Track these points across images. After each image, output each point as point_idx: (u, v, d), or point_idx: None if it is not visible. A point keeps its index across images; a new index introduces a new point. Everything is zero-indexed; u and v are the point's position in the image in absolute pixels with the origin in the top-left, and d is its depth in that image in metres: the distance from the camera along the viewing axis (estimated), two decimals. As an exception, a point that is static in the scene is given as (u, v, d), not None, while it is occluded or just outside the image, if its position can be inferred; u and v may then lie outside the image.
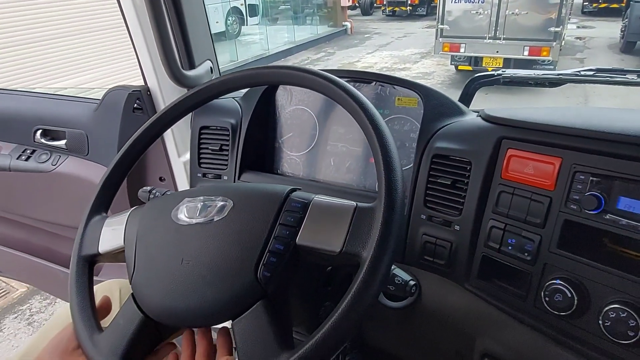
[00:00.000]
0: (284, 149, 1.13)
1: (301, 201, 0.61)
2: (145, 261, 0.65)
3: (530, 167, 0.71)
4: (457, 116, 0.88)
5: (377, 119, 0.61)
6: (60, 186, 1.44)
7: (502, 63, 7.51)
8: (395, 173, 0.57)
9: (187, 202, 0.67)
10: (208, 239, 0.61)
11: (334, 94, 0.66)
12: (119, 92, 1.27)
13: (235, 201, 0.63)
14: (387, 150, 0.58)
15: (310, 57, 10.89)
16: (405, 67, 9.38)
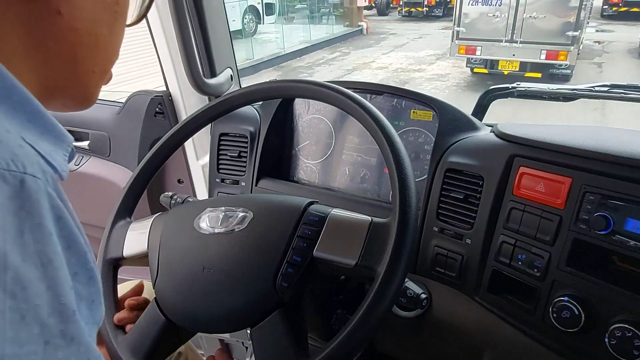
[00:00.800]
0: (300, 156, 1.16)
1: (318, 215, 0.64)
2: (168, 267, 0.68)
3: (542, 185, 0.73)
4: (471, 131, 0.90)
5: (393, 135, 0.63)
6: (82, 185, 1.48)
7: (519, 66, 7.46)
8: (410, 190, 0.59)
9: (209, 212, 0.70)
10: (228, 248, 0.64)
11: (351, 109, 0.69)
12: (142, 96, 1.32)
13: (255, 212, 0.66)
14: (402, 168, 0.61)
15: (326, 57, 10.91)
16: (420, 68, 9.35)
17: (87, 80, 0.45)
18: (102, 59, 0.45)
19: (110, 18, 0.44)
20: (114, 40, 0.46)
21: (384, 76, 8.87)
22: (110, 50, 0.46)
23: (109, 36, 0.44)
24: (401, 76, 8.84)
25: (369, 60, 10.30)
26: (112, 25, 0.44)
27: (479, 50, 7.63)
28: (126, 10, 0.47)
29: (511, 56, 7.44)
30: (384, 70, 9.38)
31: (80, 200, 1.54)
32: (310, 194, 1.06)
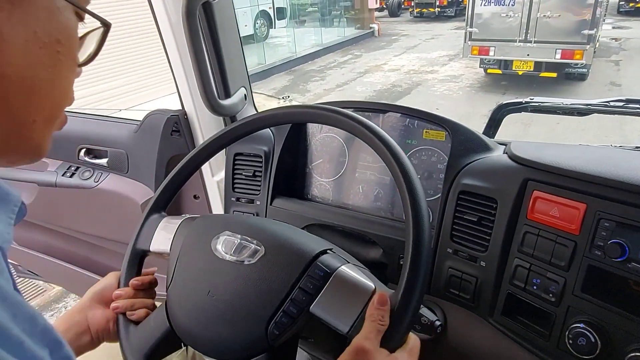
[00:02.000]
0: (314, 174, 1.17)
1: (325, 270, 0.63)
2: (180, 280, 0.72)
3: (556, 210, 0.73)
4: (484, 152, 0.90)
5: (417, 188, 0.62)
6: (102, 201, 1.52)
7: (533, 66, 7.38)
8: (421, 267, 0.57)
9: (227, 235, 0.72)
10: (235, 280, 0.66)
11: (370, 141, 0.70)
12: (158, 115, 1.34)
13: (267, 250, 0.67)
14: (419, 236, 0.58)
15: (337, 60, 10.93)
16: (433, 69, 9.32)
17: (29, 132, 0.41)
18: (45, 105, 0.41)
19: (51, 60, 0.40)
20: (60, 83, 0.42)
21: (397, 78, 8.86)
22: (55, 94, 0.42)
23: (51, 80, 0.40)
24: (414, 78, 8.81)
25: (381, 63, 10.29)
26: (55, 68, 0.40)
27: (493, 50, 7.57)
28: (72, 49, 0.43)
29: (525, 56, 7.36)
30: (396, 72, 9.36)
31: (100, 216, 1.59)
32: (324, 213, 1.08)
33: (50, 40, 0.39)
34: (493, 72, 7.90)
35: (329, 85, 8.77)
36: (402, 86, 8.32)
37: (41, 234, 1.80)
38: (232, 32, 1.23)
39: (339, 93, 8.20)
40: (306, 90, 8.56)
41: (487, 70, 7.98)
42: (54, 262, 1.75)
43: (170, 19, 1.15)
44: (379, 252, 0.99)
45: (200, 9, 1.07)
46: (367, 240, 1.01)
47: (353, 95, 7.93)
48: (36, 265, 1.85)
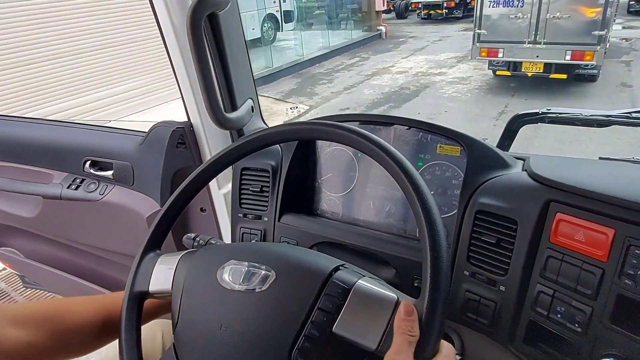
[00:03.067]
0: (323, 189, 1.13)
1: (342, 286, 0.60)
2: (188, 318, 0.67)
3: (581, 234, 0.69)
4: (502, 169, 0.86)
5: (434, 212, 0.58)
6: (107, 214, 1.50)
7: (543, 68, 7.28)
8: (441, 270, 0.54)
9: (233, 264, 0.68)
10: (248, 309, 0.62)
11: (381, 159, 0.66)
12: (164, 128, 1.31)
13: (278, 273, 0.64)
14: (436, 244, 0.55)
15: (345, 62, 10.89)
16: (441, 71, 9.25)
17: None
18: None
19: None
20: None
21: (404, 80, 8.80)
22: None
23: None
24: (421, 80, 8.75)
25: (388, 65, 10.24)
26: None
27: (501, 52, 7.48)
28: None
29: (535, 58, 7.27)
30: (404, 74, 9.30)
31: (105, 229, 1.56)
32: (334, 230, 1.04)
33: None
34: (502, 74, 7.81)
35: (336, 88, 8.73)
36: (410, 88, 8.26)
37: (46, 246, 1.78)
38: (239, 42, 1.19)
39: (346, 96, 8.15)
40: (313, 93, 8.52)
41: (495, 72, 7.89)
42: (60, 274, 1.73)
43: (176, 30, 1.12)
44: (391, 273, 0.95)
45: (205, 20, 1.04)
46: (379, 260, 0.97)
47: (360, 98, 7.88)
48: (41, 277, 1.83)
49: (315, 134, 0.76)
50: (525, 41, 7.26)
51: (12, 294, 3.44)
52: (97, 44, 6.97)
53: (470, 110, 6.85)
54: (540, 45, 7.19)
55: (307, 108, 7.63)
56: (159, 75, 7.67)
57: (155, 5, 1.09)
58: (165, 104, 7.71)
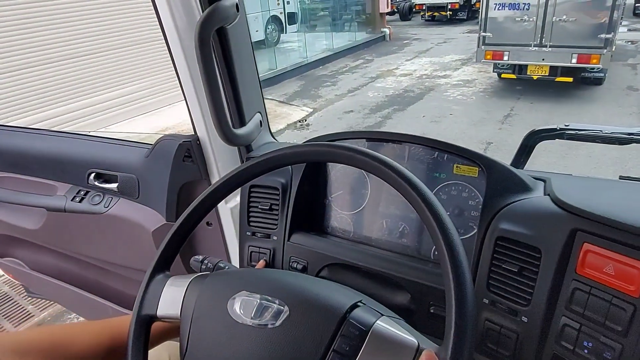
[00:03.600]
0: (333, 206, 1.10)
1: (360, 327, 0.57)
2: (197, 349, 0.64)
3: (611, 268, 0.65)
4: (523, 193, 0.83)
5: (454, 238, 0.56)
6: (112, 227, 1.47)
7: (549, 71, 7.24)
8: (467, 317, 0.51)
9: (245, 296, 0.65)
10: (260, 346, 0.59)
11: (397, 184, 0.63)
12: (170, 141, 1.29)
13: (291, 309, 0.61)
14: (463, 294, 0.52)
15: (349, 65, 10.86)
16: (445, 74, 9.21)
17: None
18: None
19: None
20: None
21: (409, 83, 8.76)
22: None
23: None
24: (426, 83, 8.71)
25: (392, 67, 10.20)
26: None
27: (507, 55, 7.44)
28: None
29: (540, 61, 7.22)
30: (408, 77, 9.27)
31: (110, 242, 1.53)
32: (346, 251, 1.01)
33: None
34: (507, 77, 7.76)
35: (340, 90, 8.70)
36: (415, 91, 8.22)
37: (51, 258, 1.76)
38: (248, 55, 1.16)
39: (350, 98, 8.12)
40: (317, 95, 8.50)
41: (501, 75, 7.84)
42: (64, 286, 1.71)
43: (183, 44, 1.09)
44: (406, 297, 0.92)
45: (214, 34, 1.01)
46: (393, 283, 0.94)
47: (364, 101, 7.85)
48: (45, 288, 1.81)
49: (329, 156, 0.73)
50: (531, 44, 7.22)
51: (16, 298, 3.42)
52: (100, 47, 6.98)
53: (476, 114, 6.80)
54: (546, 49, 7.14)
55: (311, 111, 7.60)
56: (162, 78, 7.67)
57: (162, 20, 1.06)
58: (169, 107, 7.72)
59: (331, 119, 7.14)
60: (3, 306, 3.34)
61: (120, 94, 7.34)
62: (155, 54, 7.60)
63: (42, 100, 6.41)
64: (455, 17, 15.77)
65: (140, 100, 7.63)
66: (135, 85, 7.54)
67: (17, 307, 3.32)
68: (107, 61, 7.11)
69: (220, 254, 1.42)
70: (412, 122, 6.63)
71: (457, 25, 15.42)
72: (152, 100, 7.74)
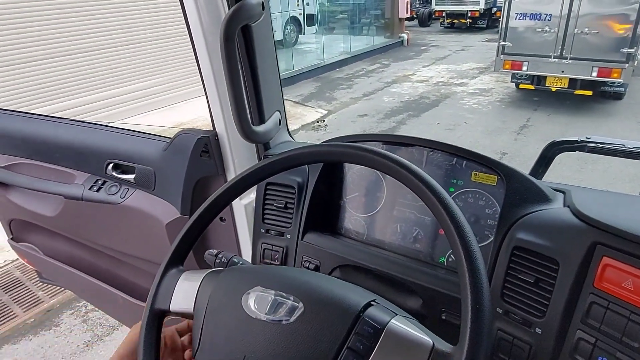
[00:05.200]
0: (348, 208, 1.10)
1: (374, 326, 0.57)
2: (210, 344, 0.64)
3: (630, 283, 0.64)
4: (542, 203, 0.82)
5: (471, 242, 0.56)
6: (127, 218, 1.49)
7: (568, 83, 7.16)
8: (484, 321, 0.51)
9: (259, 291, 0.65)
10: (273, 341, 0.60)
11: (419, 190, 0.63)
12: (188, 135, 1.30)
13: (306, 305, 0.61)
14: (477, 285, 0.52)
15: (365, 68, 10.85)
16: (462, 82, 9.16)
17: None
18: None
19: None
20: None
21: (425, 89, 8.73)
22: None
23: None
24: (442, 90, 8.68)
25: (409, 73, 10.18)
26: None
27: (526, 65, 7.38)
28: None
29: (560, 73, 7.15)
30: (424, 83, 9.24)
31: (124, 232, 1.55)
32: (358, 253, 1.01)
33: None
34: (525, 88, 7.70)
35: (355, 94, 8.70)
36: (430, 98, 8.19)
37: (65, 245, 1.78)
38: (270, 54, 1.17)
39: (365, 102, 8.12)
40: (332, 98, 8.51)
41: (519, 85, 7.78)
42: (76, 273, 1.73)
43: (207, 41, 1.10)
44: (418, 302, 0.92)
45: (238, 31, 1.02)
46: (405, 288, 0.94)
47: (379, 105, 7.84)
48: (58, 274, 1.83)
49: (347, 157, 0.73)
50: (551, 55, 7.16)
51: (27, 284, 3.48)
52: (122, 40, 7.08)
53: (491, 123, 6.76)
54: (566, 60, 7.07)
55: (326, 113, 7.61)
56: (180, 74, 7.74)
57: (187, 15, 1.07)
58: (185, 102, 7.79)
59: (345, 121, 7.14)
60: (13, 291, 3.40)
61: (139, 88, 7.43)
62: (176, 50, 7.68)
63: (65, 90, 6.52)
64: (475, 25, 15.68)
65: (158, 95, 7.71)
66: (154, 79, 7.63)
67: (28, 292, 3.37)
68: (128, 55, 7.21)
69: (232, 250, 1.43)
70: (426, 129, 6.60)
71: (477, 33, 15.34)
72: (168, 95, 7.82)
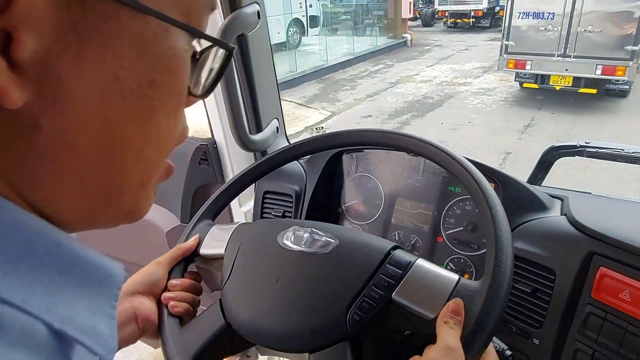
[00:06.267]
0: (347, 216, 1.10)
1: (404, 259, 0.60)
2: (242, 272, 0.66)
3: (627, 294, 0.64)
4: (539, 211, 0.81)
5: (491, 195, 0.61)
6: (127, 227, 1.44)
7: (572, 82, 7.12)
8: (505, 254, 0.55)
9: (295, 230, 0.68)
10: (308, 268, 0.62)
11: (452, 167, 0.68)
12: (187, 143, 1.30)
13: (341, 241, 0.64)
14: (499, 230, 0.57)
15: (369, 69, 10.84)
16: (466, 81, 9.13)
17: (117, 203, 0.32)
18: (136, 171, 0.32)
19: (142, 111, 0.30)
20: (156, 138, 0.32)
21: (428, 89, 8.71)
22: (150, 154, 0.32)
23: (142, 138, 0.30)
24: (446, 90, 8.65)
25: (412, 73, 10.15)
26: (148, 121, 0.30)
27: (529, 64, 7.34)
28: (175, 87, 0.32)
29: (564, 71, 7.11)
30: (428, 83, 9.21)
31: (125, 241, 1.55)
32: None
33: (141, 83, 0.28)
34: (529, 87, 7.66)
35: (359, 95, 8.69)
36: (434, 98, 8.17)
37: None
38: (267, 62, 1.17)
39: (369, 103, 8.11)
40: (336, 99, 8.50)
41: (522, 84, 7.75)
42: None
43: (204, 49, 1.10)
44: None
45: (234, 41, 1.02)
46: None
47: (383, 106, 7.83)
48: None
49: (370, 139, 0.78)
50: (555, 54, 7.12)
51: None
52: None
53: (495, 123, 6.73)
54: (569, 59, 7.03)
55: (329, 114, 7.61)
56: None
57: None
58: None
59: (349, 123, 7.13)
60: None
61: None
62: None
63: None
64: (478, 24, 15.63)
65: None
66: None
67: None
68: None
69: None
70: (430, 129, 6.58)
71: (480, 32, 15.28)
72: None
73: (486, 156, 5.49)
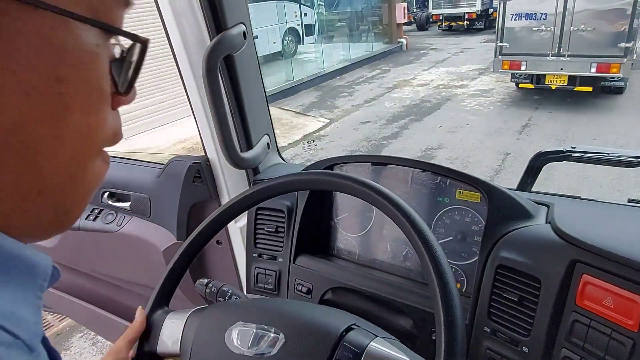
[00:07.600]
0: (339, 228, 1.11)
1: (354, 350, 0.58)
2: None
3: (610, 301, 0.65)
4: (525, 220, 0.82)
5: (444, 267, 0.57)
6: (124, 246, 1.50)
7: (567, 80, 7.14)
8: (456, 336, 0.52)
9: (241, 326, 0.67)
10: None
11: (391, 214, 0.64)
12: (181, 162, 1.32)
13: (287, 337, 0.62)
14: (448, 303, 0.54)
15: (366, 75, 10.89)
16: (462, 84, 9.16)
17: (37, 207, 0.31)
18: (54, 170, 0.30)
19: (54, 107, 0.28)
20: (72, 135, 0.30)
21: (426, 93, 8.74)
22: (68, 152, 0.31)
23: (55, 136, 0.29)
24: (443, 93, 8.68)
25: (409, 77, 10.19)
26: (63, 116, 0.29)
27: (524, 65, 7.37)
28: (87, 83, 0.31)
29: (559, 70, 7.13)
30: (425, 87, 9.24)
31: (122, 260, 1.57)
32: (350, 275, 1.02)
33: (45, 80, 0.28)
34: (525, 87, 7.68)
35: (357, 101, 8.72)
36: (432, 101, 8.19)
37: (65, 274, 1.80)
38: (255, 80, 1.19)
39: (367, 109, 8.13)
40: (334, 106, 8.53)
41: (518, 84, 7.77)
42: (76, 301, 1.75)
43: (194, 70, 1.11)
44: (408, 322, 0.92)
45: (221, 61, 1.04)
46: (396, 309, 0.94)
47: (381, 111, 7.85)
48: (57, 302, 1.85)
49: (325, 185, 0.75)
50: (549, 54, 7.15)
51: (36, 309, 3.50)
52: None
53: (493, 124, 6.74)
54: (564, 58, 7.06)
55: (328, 121, 7.63)
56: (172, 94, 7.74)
57: (173, 47, 1.09)
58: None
59: (348, 129, 7.15)
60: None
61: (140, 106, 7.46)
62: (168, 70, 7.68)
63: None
64: (473, 26, 15.68)
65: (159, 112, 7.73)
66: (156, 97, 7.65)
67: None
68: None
69: (229, 272, 1.44)
70: (429, 133, 6.60)
71: (475, 34, 15.34)
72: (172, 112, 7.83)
73: (485, 157, 5.51)
